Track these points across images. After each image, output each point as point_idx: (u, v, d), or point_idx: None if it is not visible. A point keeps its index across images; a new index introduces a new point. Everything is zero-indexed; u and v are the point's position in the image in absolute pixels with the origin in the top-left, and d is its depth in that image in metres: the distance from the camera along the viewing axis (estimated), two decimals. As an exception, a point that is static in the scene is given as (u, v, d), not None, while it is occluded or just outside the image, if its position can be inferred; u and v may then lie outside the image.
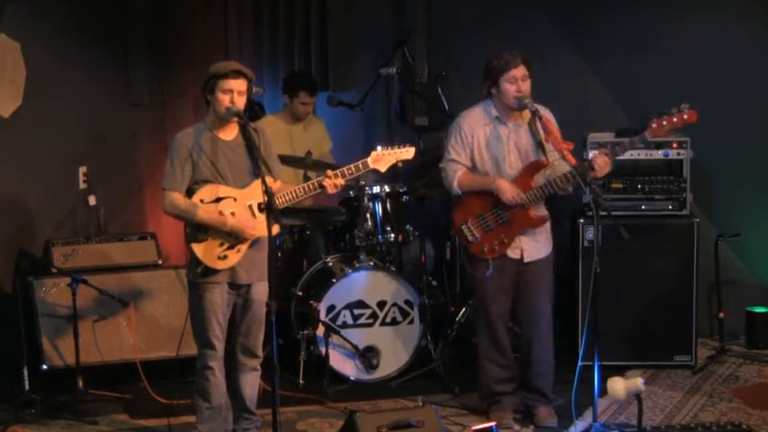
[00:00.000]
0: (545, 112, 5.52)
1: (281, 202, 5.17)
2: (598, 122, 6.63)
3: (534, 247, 5.61)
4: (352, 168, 5.32)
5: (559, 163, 5.42)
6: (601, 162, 5.33)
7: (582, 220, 6.40)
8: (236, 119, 5.12)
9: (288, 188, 5.28)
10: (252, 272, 5.24)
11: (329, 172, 5.25)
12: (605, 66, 7.23)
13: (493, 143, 5.54)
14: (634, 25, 7.09)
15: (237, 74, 5.11)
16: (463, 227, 5.61)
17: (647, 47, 7.06)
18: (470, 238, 5.60)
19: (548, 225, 5.67)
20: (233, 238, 5.16)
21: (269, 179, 5.01)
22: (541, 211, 5.60)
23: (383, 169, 5.41)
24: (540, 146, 5.45)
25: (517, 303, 5.70)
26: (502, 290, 5.63)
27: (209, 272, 5.15)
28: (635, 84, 7.08)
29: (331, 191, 5.26)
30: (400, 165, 5.52)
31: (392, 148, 5.44)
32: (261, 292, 5.25)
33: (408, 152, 5.47)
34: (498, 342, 5.70)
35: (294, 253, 6.74)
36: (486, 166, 5.58)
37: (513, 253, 5.59)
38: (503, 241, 5.56)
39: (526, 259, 5.60)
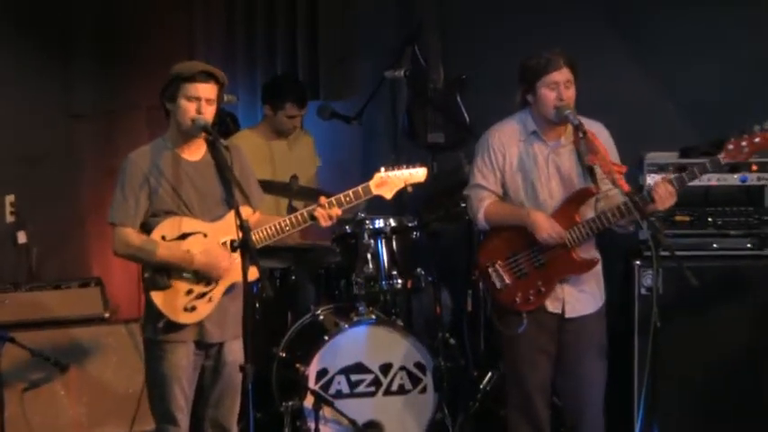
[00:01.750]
0: (595, 128, 5.49)
1: (260, 238, 5.16)
2: (657, 139, 6.62)
3: (579, 299, 5.57)
4: (351, 195, 5.32)
5: (615, 193, 5.38)
6: (662, 192, 5.25)
7: (638, 262, 6.38)
8: (203, 134, 5.12)
9: (269, 221, 5.26)
10: (225, 327, 5.22)
11: (322, 199, 5.24)
12: (666, 69, 7.24)
13: (528, 165, 5.53)
14: (702, 20, 7.11)
15: (207, 76, 5.12)
16: (490, 270, 5.59)
17: (719, 46, 7.08)
18: (498, 284, 5.58)
19: (598, 271, 5.63)
20: (204, 283, 5.15)
21: (245, 210, 5.00)
22: (589, 253, 5.55)
23: (389, 195, 5.42)
24: (588, 170, 5.41)
25: (558, 370, 5.65)
26: (539, 352, 5.59)
27: (173, 327, 5.13)
28: (703, 92, 7.09)
29: (324, 223, 5.25)
30: (410, 189, 5.52)
31: (399, 169, 5.45)
32: (236, 352, 5.23)
33: (419, 174, 5.49)
34: (534, 417, 5.65)
35: (276, 303, 6.73)
36: (519, 195, 5.56)
37: (552, 306, 5.56)
38: (539, 290, 5.52)
39: (568, 314, 5.56)
